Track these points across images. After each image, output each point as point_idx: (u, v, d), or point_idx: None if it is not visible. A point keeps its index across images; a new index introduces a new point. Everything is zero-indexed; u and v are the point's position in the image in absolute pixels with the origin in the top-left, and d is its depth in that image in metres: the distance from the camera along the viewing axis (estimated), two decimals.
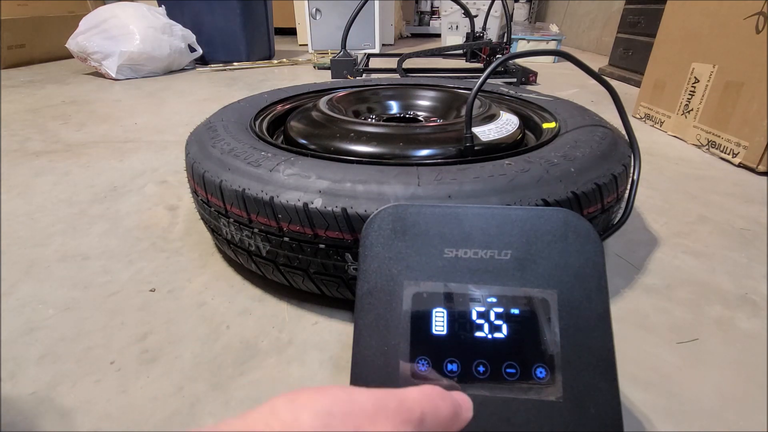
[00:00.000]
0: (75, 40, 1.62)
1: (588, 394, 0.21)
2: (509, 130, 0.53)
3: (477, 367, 0.22)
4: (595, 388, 0.21)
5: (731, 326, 0.43)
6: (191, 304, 0.46)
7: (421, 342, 0.23)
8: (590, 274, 0.23)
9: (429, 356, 0.23)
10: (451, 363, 0.22)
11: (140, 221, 0.63)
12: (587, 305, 0.23)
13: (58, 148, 0.93)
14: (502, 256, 0.24)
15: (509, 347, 0.22)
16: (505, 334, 0.23)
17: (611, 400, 0.21)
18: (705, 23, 0.91)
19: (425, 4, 3.25)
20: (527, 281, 0.24)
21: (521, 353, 0.22)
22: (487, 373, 0.22)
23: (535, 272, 0.24)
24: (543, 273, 0.24)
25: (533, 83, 1.55)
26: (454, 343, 0.23)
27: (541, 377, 0.22)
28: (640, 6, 1.57)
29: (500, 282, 0.24)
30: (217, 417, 0.34)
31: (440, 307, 0.23)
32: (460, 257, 0.24)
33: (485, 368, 0.22)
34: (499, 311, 0.23)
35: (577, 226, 0.24)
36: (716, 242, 0.58)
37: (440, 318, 0.23)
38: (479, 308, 0.23)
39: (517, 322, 0.23)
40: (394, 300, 0.24)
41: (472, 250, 0.24)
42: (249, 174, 0.42)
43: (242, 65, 1.91)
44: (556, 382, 0.22)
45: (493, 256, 0.24)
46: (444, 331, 0.23)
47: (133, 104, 1.30)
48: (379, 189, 0.38)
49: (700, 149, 0.92)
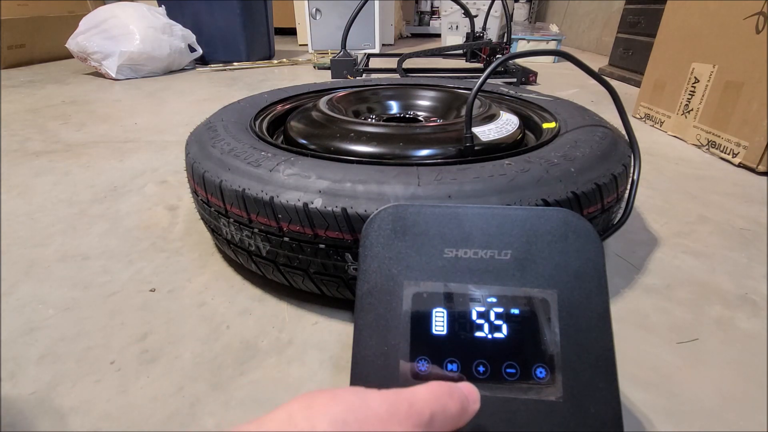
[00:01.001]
0: (75, 40, 1.62)
1: (588, 394, 0.21)
2: (509, 130, 0.53)
3: (477, 367, 0.22)
4: (595, 388, 0.21)
5: (731, 326, 0.43)
6: (191, 304, 0.46)
7: (421, 342, 0.23)
8: (590, 274, 0.23)
9: (429, 356, 0.23)
10: (451, 363, 0.22)
11: (140, 221, 0.63)
12: (587, 305, 0.23)
13: (58, 148, 0.93)
14: (502, 256, 0.24)
15: (509, 347, 0.22)
16: (505, 334, 0.23)
17: (611, 400, 0.21)
18: (705, 23, 0.91)
19: (425, 4, 3.25)
20: (527, 281, 0.24)
21: (521, 353, 0.22)
22: (487, 373, 0.22)
23: (535, 272, 0.24)
24: (543, 273, 0.24)
25: (533, 83, 1.55)
26: (454, 343, 0.23)
27: (541, 377, 0.22)
28: (640, 6, 1.57)
29: (500, 282, 0.24)
30: (217, 417, 0.34)
31: (440, 307, 0.23)
32: (460, 257, 0.24)
33: (485, 368, 0.22)
34: (499, 311, 0.23)
35: (577, 226, 0.24)
36: (716, 242, 0.58)
37: (440, 318, 0.23)
38: (479, 308, 0.23)
39: (517, 323, 0.23)
40: (394, 300, 0.24)
41: (472, 250, 0.24)
42: (249, 174, 0.42)
43: (242, 65, 1.91)
44: (556, 382, 0.22)
45: (493, 256, 0.24)
46: (444, 331, 0.23)
47: (133, 104, 1.30)
48: (379, 189, 0.38)
49: (700, 149, 0.92)
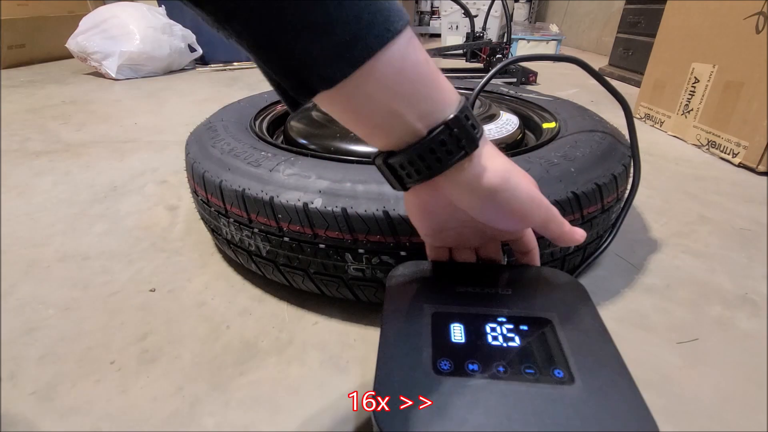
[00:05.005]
0: (75, 40, 1.62)
1: (609, 393, 0.22)
2: (509, 130, 0.53)
3: (497, 368, 0.24)
4: (615, 388, 0.23)
5: (731, 326, 0.43)
6: (191, 304, 0.46)
7: (442, 347, 0.26)
8: (582, 305, 0.29)
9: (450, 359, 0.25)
10: (471, 364, 0.25)
11: (140, 221, 0.63)
12: (585, 324, 0.27)
13: (58, 148, 0.93)
14: (505, 292, 0.30)
15: (525, 352, 0.25)
16: (519, 343, 0.26)
17: (635, 399, 0.22)
18: (705, 23, 0.91)
19: (425, 4, 3.25)
20: (529, 308, 0.29)
21: (537, 357, 0.25)
22: (507, 373, 0.24)
23: (535, 303, 0.29)
24: (542, 304, 0.29)
25: (533, 83, 1.55)
26: (474, 349, 0.26)
27: (560, 377, 0.24)
28: (640, 6, 1.57)
29: (507, 307, 0.29)
30: (217, 417, 0.34)
31: (457, 323, 0.28)
32: (470, 291, 0.30)
33: (505, 369, 0.24)
34: (509, 327, 0.27)
35: (564, 280, 0.32)
36: (716, 242, 0.58)
37: (458, 331, 0.27)
38: (492, 324, 0.27)
39: (528, 333, 0.27)
40: (417, 316, 0.28)
41: (479, 287, 0.31)
42: (249, 174, 0.42)
43: (242, 65, 1.91)
44: (576, 380, 0.23)
45: (497, 292, 0.30)
46: (462, 339, 0.26)
47: (133, 104, 1.30)
48: (379, 189, 0.38)
49: (700, 149, 0.92)
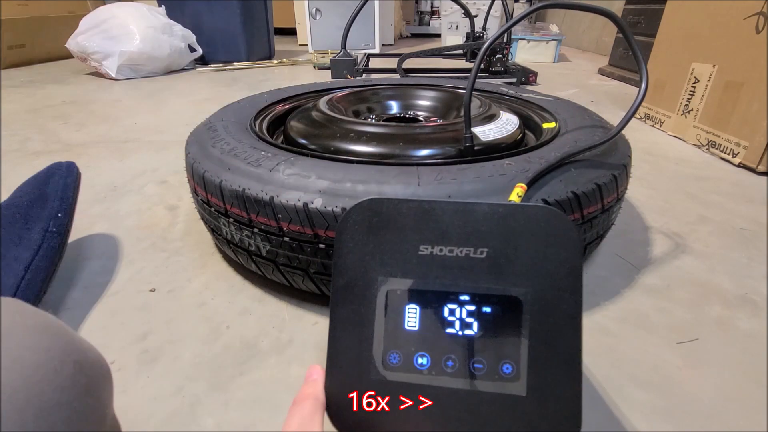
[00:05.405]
0: (75, 40, 1.62)
1: (550, 390, 0.22)
2: (509, 130, 0.53)
3: (446, 362, 0.23)
4: (558, 385, 0.22)
5: (731, 326, 0.43)
6: (191, 304, 0.46)
7: (394, 337, 0.24)
8: (566, 275, 0.23)
9: (401, 350, 0.24)
10: (421, 357, 0.23)
11: (140, 221, 0.63)
12: (559, 305, 0.23)
13: (58, 148, 0.93)
14: (478, 254, 0.24)
15: (478, 344, 0.23)
16: (475, 331, 0.23)
17: (573, 398, 0.22)
18: (705, 23, 0.91)
19: (425, 4, 3.25)
20: (500, 281, 0.24)
21: (489, 350, 0.23)
22: (455, 368, 0.23)
23: (510, 272, 0.24)
24: (517, 272, 0.24)
25: (533, 83, 1.55)
26: (425, 339, 0.24)
27: (507, 373, 0.23)
28: (640, 6, 1.57)
29: (473, 281, 0.24)
30: (217, 417, 0.34)
31: (413, 303, 0.24)
32: (435, 254, 0.24)
33: (454, 363, 0.23)
34: (470, 309, 0.24)
35: (557, 225, 0.24)
36: (716, 242, 0.58)
37: (413, 314, 0.24)
38: (451, 306, 0.24)
39: (487, 321, 0.23)
40: (368, 296, 0.24)
41: (447, 248, 0.24)
42: (249, 174, 0.42)
43: (242, 65, 1.91)
44: (521, 378, 0.22)
45: (468, 254, 0.24)
46: (416, 327, 0.24)
47: (133, 104, 1.30)
48: (379, 189, 0.38)
49: (700, 149, 0.92)
